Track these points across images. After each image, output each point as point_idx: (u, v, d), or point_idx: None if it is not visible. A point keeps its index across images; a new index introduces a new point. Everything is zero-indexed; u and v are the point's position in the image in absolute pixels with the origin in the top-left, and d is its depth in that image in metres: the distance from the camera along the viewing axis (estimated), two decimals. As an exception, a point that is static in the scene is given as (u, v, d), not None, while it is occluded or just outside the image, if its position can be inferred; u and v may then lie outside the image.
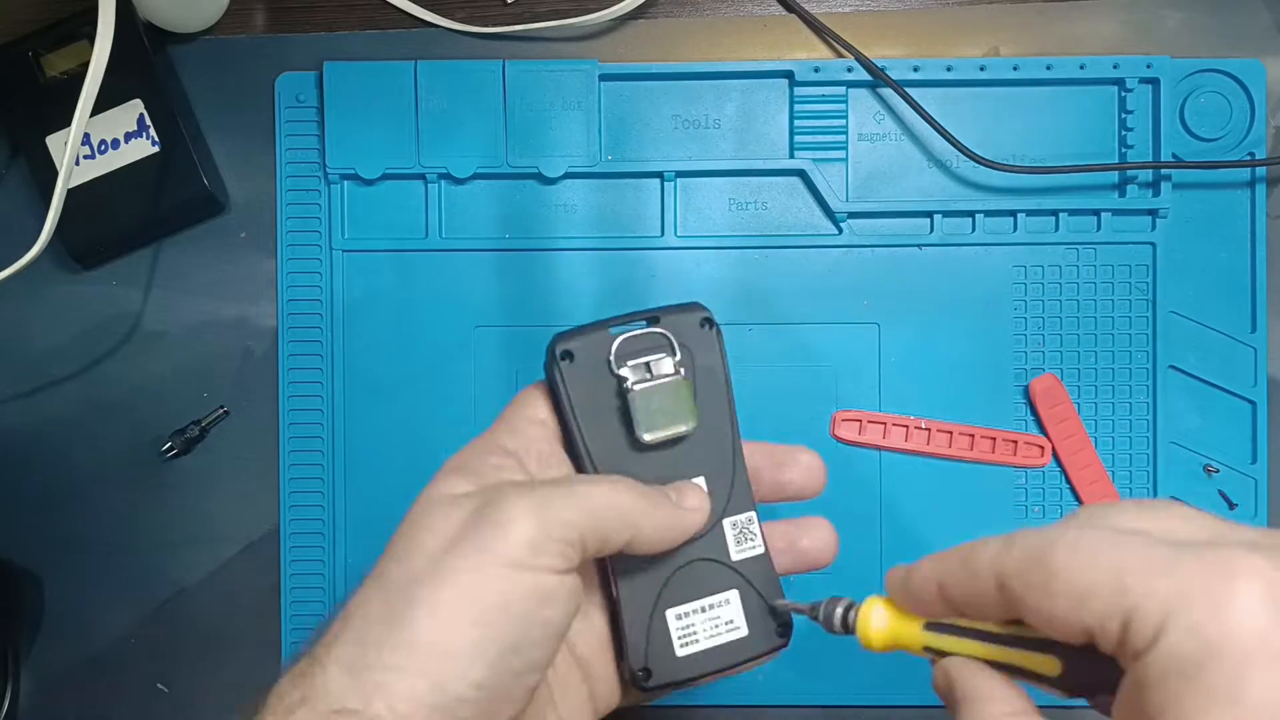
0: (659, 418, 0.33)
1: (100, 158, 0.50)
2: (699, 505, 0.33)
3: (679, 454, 0.34)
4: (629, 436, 0.33)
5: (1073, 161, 0.51)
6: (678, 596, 0.33)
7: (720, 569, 0.34)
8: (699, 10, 0.53)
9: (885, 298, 0.51)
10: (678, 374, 0.33)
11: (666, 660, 0.33)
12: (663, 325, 0.34)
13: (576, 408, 0.33)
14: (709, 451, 0.34)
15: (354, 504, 0.51)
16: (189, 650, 0.52)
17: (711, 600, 0.34)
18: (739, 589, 0.34)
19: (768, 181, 0.52)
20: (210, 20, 0.52)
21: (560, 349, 0.33)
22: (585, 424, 0.33)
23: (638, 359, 0.33)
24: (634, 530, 0.31)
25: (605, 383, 0.33)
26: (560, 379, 0.33)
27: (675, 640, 0.33)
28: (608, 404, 0.33)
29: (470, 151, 0.51)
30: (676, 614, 0.33)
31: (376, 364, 0.52)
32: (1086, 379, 0.51)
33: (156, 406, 0.52)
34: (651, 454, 0.34)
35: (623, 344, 0.33)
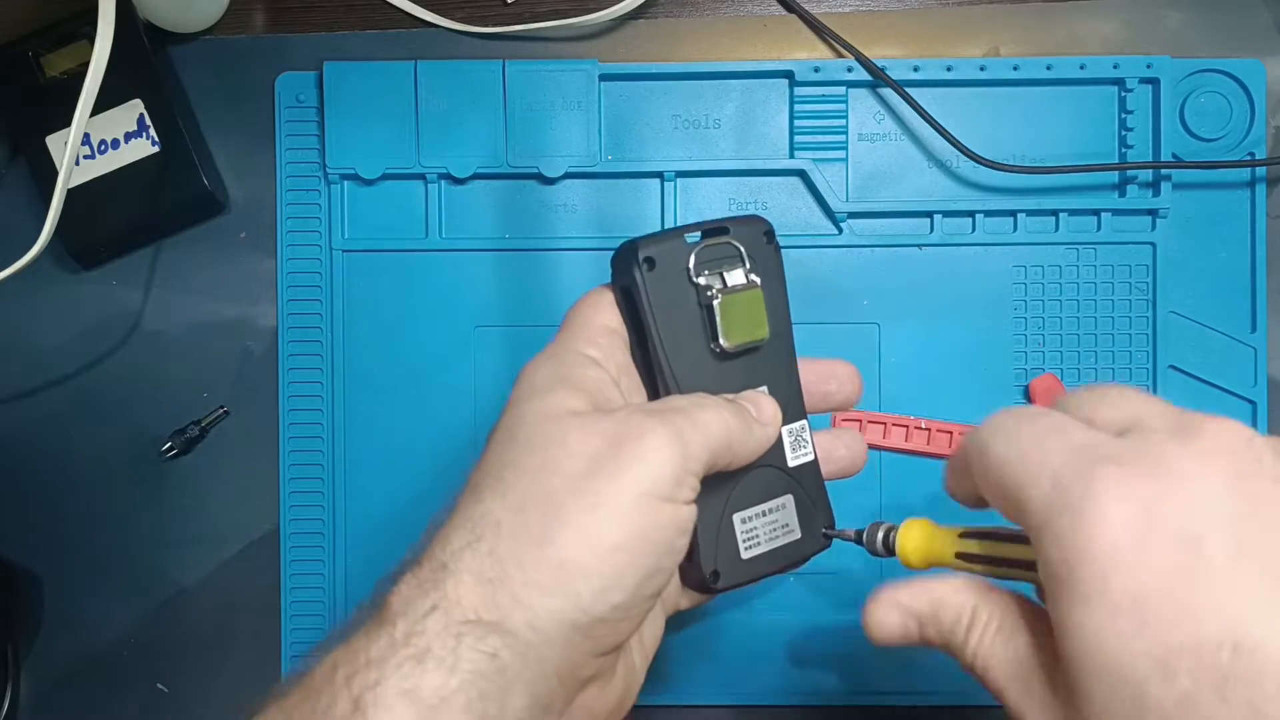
0: (740, 326, 0.34)
1: (100, 158, 0.50)
2: (775, 418, 0.34)
3: (749, 363, 0.35)
4: (706, 345, 0.34)
5: (1073, 161, 0.51)
6: (743, 501, 0.34)
7: (778, 474, 0.35)
8: (699, 10, 0.53)
9: (885, 298, 0.51)
10: (752, 284, 0.34)
11: (734, 562, 0.34)
12: (732, 236, 0.34)
13: (657, 314, 0.33)
14: (773, 361, 0.35)
15: (354, 504, 0.51)
16: (189, 650, 0.52)
17: (771, 505, 0.35)
18: (794, 494, 0.35)
19: (768, 181, 0.52)
20: (210, 20, 0.52)
21: (643, 254, 0.33)
22: (665, 331, 0.33)
23: (714, 268, 0.34)
24: (733, 455, 0.32)
25: (684, 290, 0.34)
26: (643, 284, 0.33)
27: (741, 543, 0.34)
28: (686, 311, 0.34)
29: (470, 151, 0.51)
30: (742, 518, 0.34)
31: (376, 364, 0.51)
32: (1087, 379, 0.51)
33: (156, 406, 0.52)
34: (726, 363, 0.34)
35: (700, 253, 0.34)
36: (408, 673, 0.27)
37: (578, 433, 0.30)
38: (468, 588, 0.28)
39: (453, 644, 0.28)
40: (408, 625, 0.28)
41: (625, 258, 0.34)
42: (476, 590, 0.28)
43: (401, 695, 0.27)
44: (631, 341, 0.34)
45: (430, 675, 0.27)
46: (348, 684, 0.27)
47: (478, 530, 0.29)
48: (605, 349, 0.34)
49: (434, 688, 0.27)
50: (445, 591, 0.28)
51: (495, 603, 0.28)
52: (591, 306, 0.34)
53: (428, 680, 0.27)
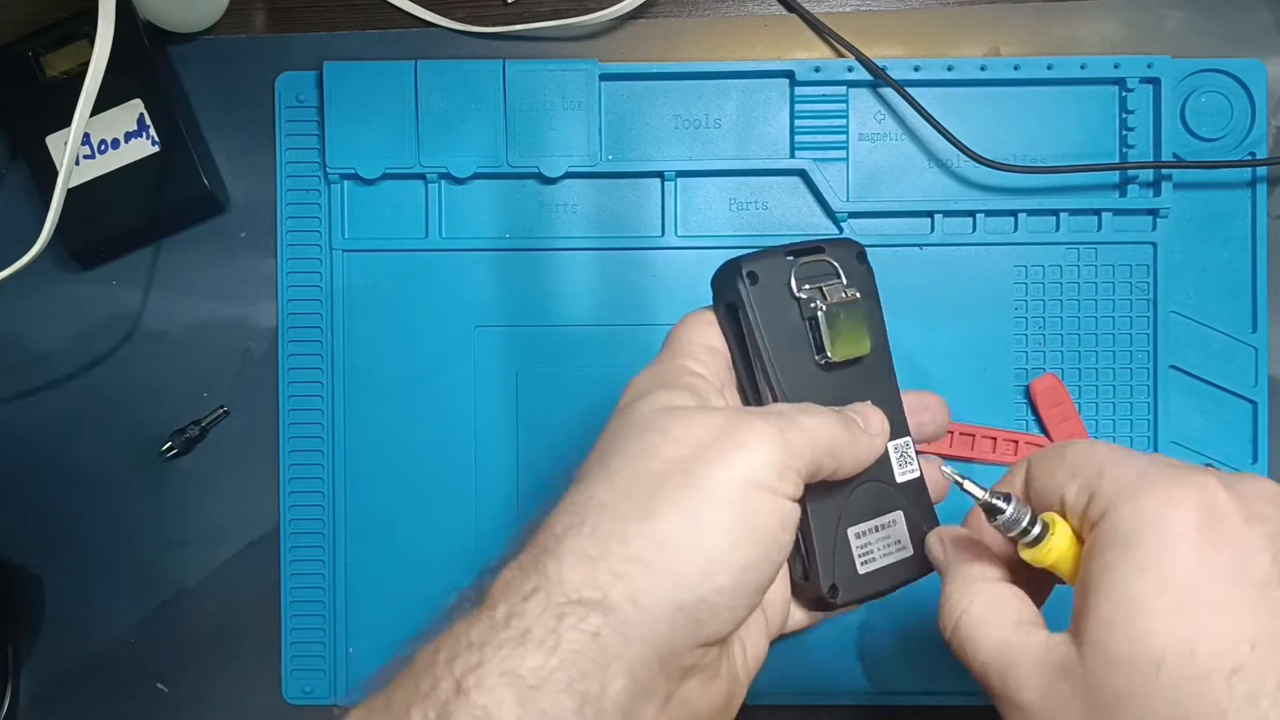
0: (844, 338, 0.34)
1: (100, 158, 0.50)
2: (882, 429, 0.34)
3: (853, 377, 0.35)
4: (811, 357, 0.34)
5: (1073, 161, 0.51)
6: (856, 516, 0.34)
7: (888, 490, 0.35)
8: (699, 10, 0.53)
9: (885, 298, 0.51)
10: (853, 298, 0.35)
11: (851, 578, 0.34)
12: (827, 255, 0.35)
13: (763, 328, 0.34)
14: (875, 377, 0.35)
15: (354, 504, 0.51)
16: (189, 650, 0.52)
17: (883, 520, 0.35)
18: (903, 510, 0.35)
19: (768, 181, 0.52)
20: (210, 20, 0.52)
21: (746, 270, 0.34)
22: (771, 344, 0.34)
23: (813, 284, 0.34)
24: (838, 462, 0.32)
25: (786, 305, 0.34)
26: (748, 299, 0.33)
27: (857, 559, 0.34)
28: (789, 325, 0.34)
29: (470, 151, 0.51)
30: (856, 532, 0.34)
31: (376, 364, 0.51)
32: (1087, 379, 0.51)
33: (156, 406, 0.52)
34: (831, 376, 0.34)
35: (799, 269, 0.34)
36: (508, 654, 0.27)
37: (682, 422, 0.31)
38: (570, 568, 0.28)
39: (553, 624, 0.27)
40: (509, 607, 0.28)
41: (729, 274, 0.34)
42: (578, 570, 0.28)
43: (502, 676, 0.27)
44: (735, 359, 0.35)
45: (530, 656, 0.27)
46: (449, 666, 0.27)
47: (580, 513, 0.30)
48: (709, 366, 0.34)
49: (534, 668, 0.27)
50: (547, 573, 0.28)
51: (596, 581, 0.28)
52: (692, 327, 0.35)
53: (528, 661, 0.27)
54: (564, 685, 0.27)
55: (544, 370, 0.51)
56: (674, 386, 0.32)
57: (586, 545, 0.29)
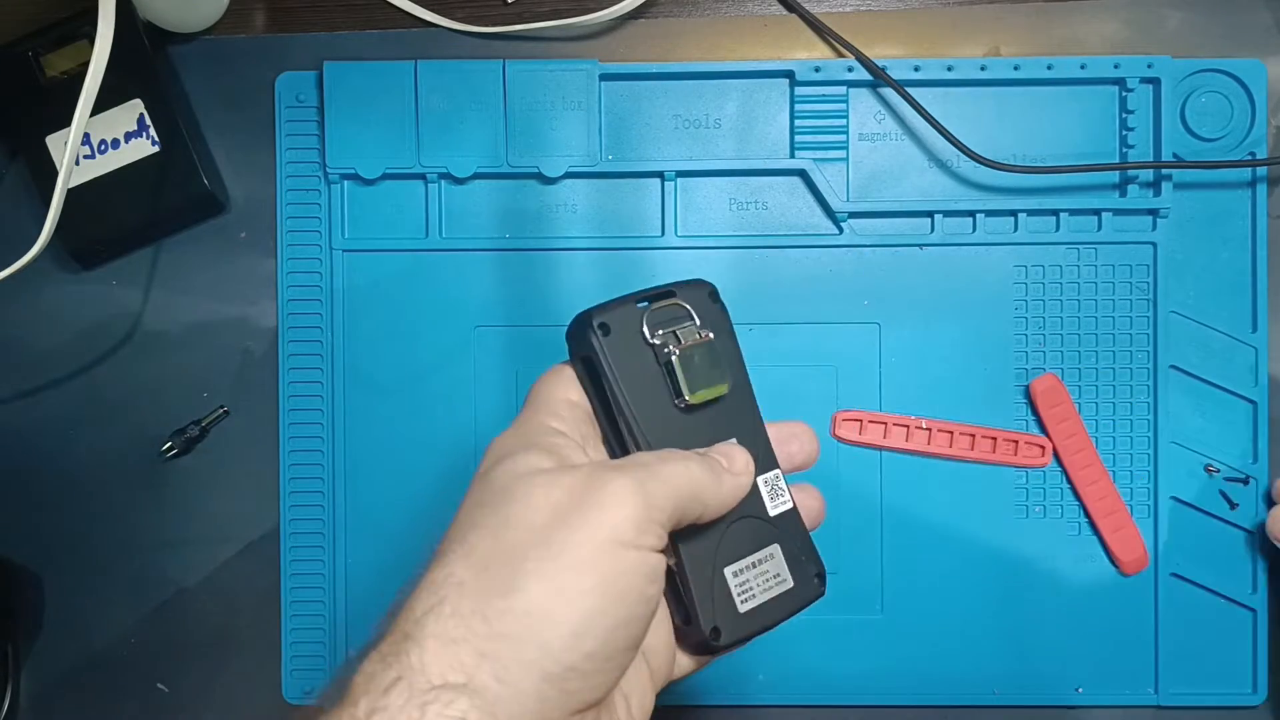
0: (701, 379, 0.34)
1: (100, 158, 0.50)
2: (747, 468, 0.34)
3: (715, 416, 0.35)
4: (670, 402, 0.34)
5: (1073, 161, 0.51)
6: (731, 554, 0.34)
7: (761, 525, 0.35)
8: (699, 10, 0.53)
9: (886, 298, 0.51)
10: (705, 339, 0.35)
11: (732, 618, 0.34)
12: (679, 298, 0.35)
13: (619, 378, 0.34)
14: (737, 414, 0.36)
15: (354, 504, 0.51)
16: (189, 650, 0.52)
17: (759, 555, 0.35)
18: (780, 543, 0.35)
19: (768, 181, 0.52)
20: (210, 20, 0.52)
21: (596, 322, 0.34)
22: (628, 393, 0.34)
23: (666, 328, 0.35)
24: (703, 506, 0.32)
25: (641, 352, 0.34)
26: (601, 350, 0.34)
27: (736, 597, 0.34)
28: (646, 372, 0.34)
29: (470, 151, 0.51)
30: (733, 571, 0.34)
31: (376, 364, 0.51)
32: (1087, 379, 0.51)
33: (156, 406, 0.52)
34: (693, 418, 0.34)
35: (651, 315, 0.35)
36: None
37: (542, 488, 0.30)
38: (432, 653, 0.28)
39: (417, 715, 0.27)
40: (370, 702, 0.27)
41: (580, 328, 0.34)
42: (441, 654, 0.28)
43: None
44: (596, 411, 0.35)
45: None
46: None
47: (440, 593, 0.29)
48: (569, 421, 0.34)
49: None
50: (409, 661, 0.28)
51: (460, 663, 0.27)
52: (551, 382, 0.35)
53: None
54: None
55: (544, 370, 0.51)
56: (533, 448, 0.32)
57: (448, 627, 0.28)
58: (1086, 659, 0.51)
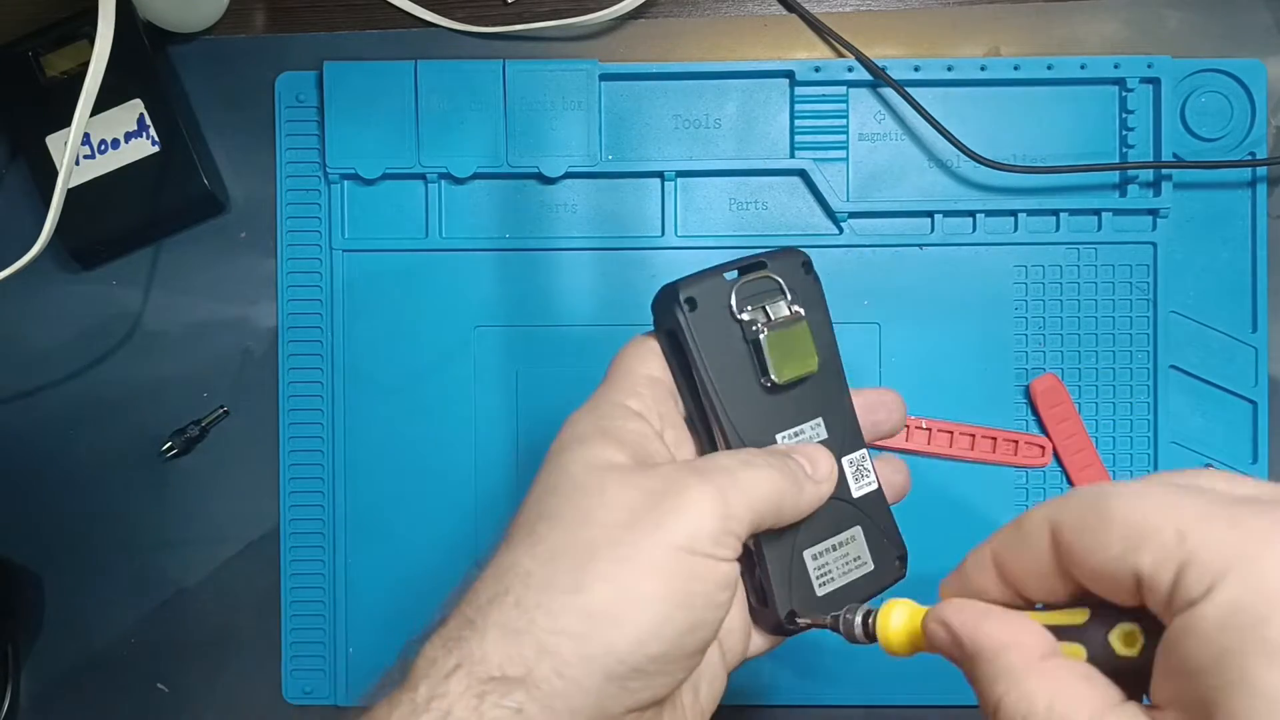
0: (789, 359, 0.33)
1: (100, 158, 0.50)
2: (830, 474, 0.33)
3: (801, 396, 0.34)
4: (756, 381, 0.33)
5: (1073, 161, 0.51)
6: (812, 538, 0.34)
7: (845, 507, 0.34)
8: (699, 10, 0.53)
9: (886, 298, 0.51)
10: (796, 316, 0.34)
11: (809, 601, 0.33)
12: (771, 270, 0.34)
13: (704, 355, 0.33)
14: (825, 392, 0.34)
15: (354, 504, 0.51)
16: (189, 650, 0.52)
17: (840, 538, 0.34)
18: (862, 525, 0.35)
19: (768, 181, 0.52)
20: (210, 20, 0.52)
21: (683, 296, 0.33)
22: (714, 371, 0.33)
23: (756, 303, 0.33)
24: (780, 515, 0.31)
25: (728, 328, 0.33)
26: (687, 326, 0.33)
27: (814, 580, 0.33)
28: (732, 349, 0.33)
29: (470, 151, 0.51)
30: (813, 554, 0.34)
31: (376, 364, 0.51)
32: (1087, 379, 0.51)
33: (156, 406, 0.52)
34: (779, 398, 0.34)
35: (740, 289, 0.33)
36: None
37: (617, 486, 0.30)
38: (493, 643, 0.28)
39: (475, 703, 0.27)
40: (430, 688, 0.27)
41: (665, 301, 0.33)
42: (502, 644, 0.28)
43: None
44: (680, 387, 0.34)
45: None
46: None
47: (504, 582, 0.29)
48: (647, 400, 0.33)
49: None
50: (470, 649, 0.28)
51: (521, 655, 0.27)
52: (634, 356, 0.34)
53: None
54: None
55: (544, 370, 0.51)
56: (609, 436, 0.31)
57: (510, 617, 0.28)
58: (1086, 659, 0.51)
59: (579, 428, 0.32)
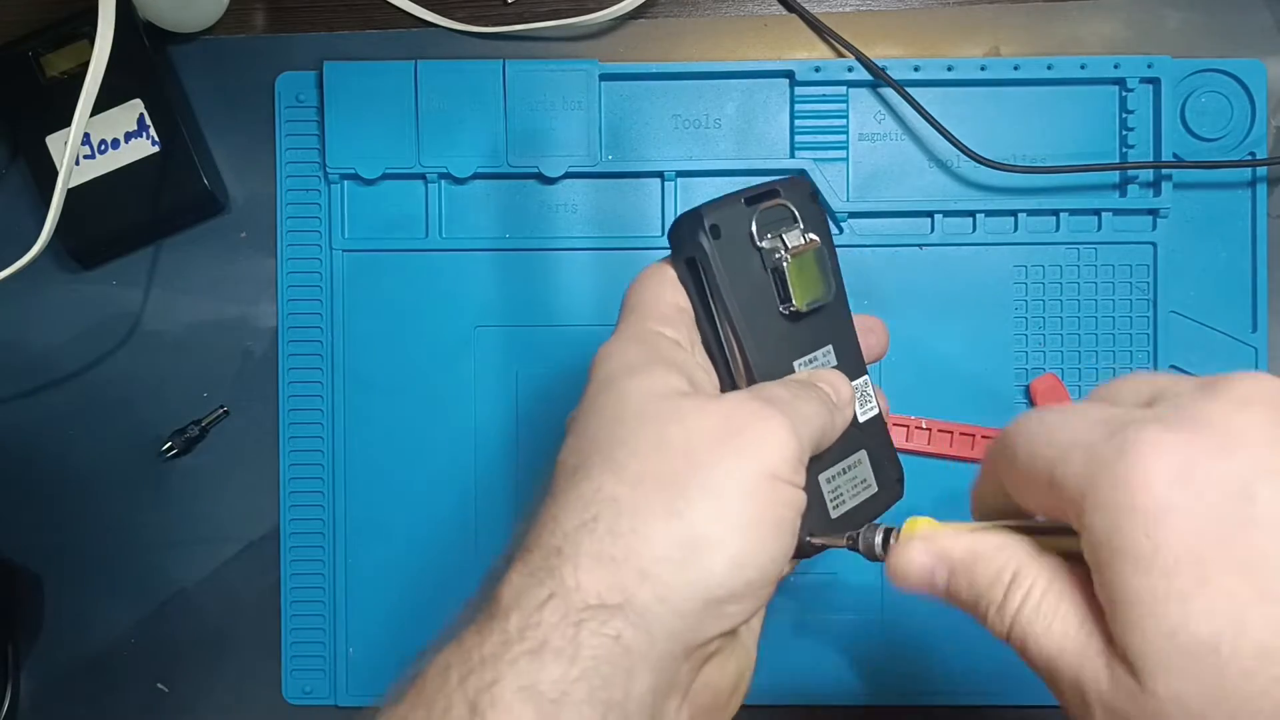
0: (809, 286, 0.34)
1: (100, 158, 0.50)
2: (850, 400, 0.34)
3: (816, 324, 0.34)
4: (775, 308, 0.34)
5: (1073, 161, 0.51)
6: (826, 462, 0.34)
7: (851, 430, 0.35)
8: (699, 10, 0.53)
9: (885, 298, 0.51)
10: (812, 244, 0.34)
11: (825, 522, 0.34)
12: (784, 198, 0.34)
13: (729, 282, 0.33)
14: (836, 320, 0.35)
15: (354, 504, 0.51)
16: (189, 650, 0.52)
17: (849, 462, 0.35)
18: (867, 449, 0.35)
19: (768, 181, 0.52)
20: (210, 20, 0.52)
21: (709, 223, 0.32)
22: (737, 299, 0.33)
23: (774, 231, 0.33)
24: (822, 444, 0.32)
25: (748, 256, 0.33)
26: (712, 253, 0.32)
27: (829, 502, 0.34)
28: (752, 277, 0.33)
29: (470, 151, 0.51)
30: (827, 478, 0.34)
31: (376, 364, 0.51)
32: (1087, 379, 0.51)
33: (156, 406, 0.52)
34: (796, 326, 0.34)
35: (760, 215, 0.33)
36: (524, 668, 0.26)
37: (694, 413, 0.29)
38: (587, 571, 0.27)
39: (572, 633, 0.26)
40: (522, 618, 0.27)
41: (691, 227, 0.33)
42: (597, 572, 0.27)
43: (519, 692, 0.26)
44: (698, 315, 0.34)
45: (549, 668, 0.26)
46: (462, 685, 0.26)
47: (592, 509, 0.28)
48: (681, 329, 0.33)
49: (553, 680, 0.26)
50: (562, 578, 0.27)
51: (619, 583, 0.27)
52: (655, 285, 0.33)
53: (546, 673, 0.26)
54: (585, 695, 0.26)
55: (544, 370, 0.51)
56: (661, 363, 0.31)
57: (604, 545, 0.27)
58: (1086, 659, 0.51)
59: (628, 357, 0.31)
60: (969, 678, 0.51)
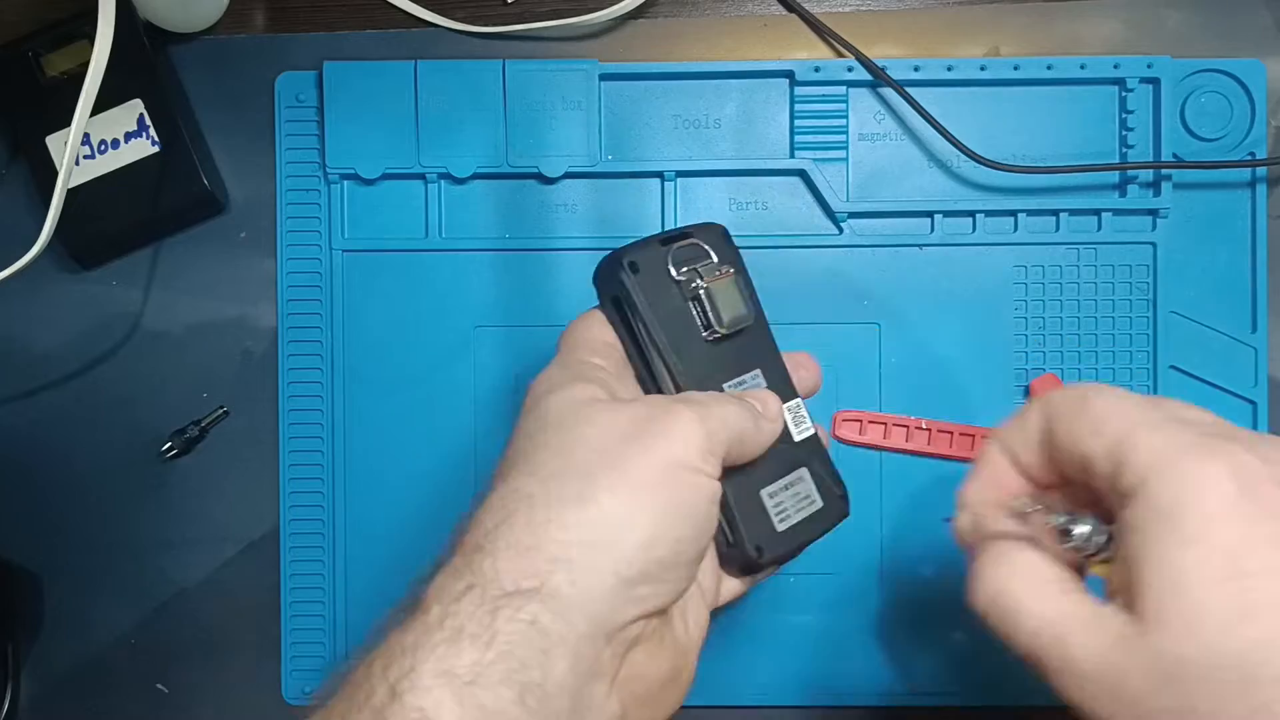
0: (729, 310, 0.36)
1: (100, 158, 0.50)
2: (778, 414, 0.36)
3: (739, 348, 0.37)
4: (699, 335, 0.36)
5: (1073, 161, 0.51)
6: (766, 478, 0.36)
7: (790, 449, 0.37)
8: (699, 10, 0.53)
9: (885, 298, 0.51)
10: (727, 272, 0.37)
11: (771, 537, 0.36)
12: (696, 239, 0.37)
13: (652, 313, 0.35)
14: (759, 345, 0.38)
15: (354, 504, 0.51)
16: (189, 650, 0.52)
17: (791, 478, 0.37)
18: (807, 466, 0.38)
19: (768, 181, 0.52)
20: (210, 20, 0.52)
21: (626, 261, 0.35)
22: (662, 328, 0.35)
23: (690, 265, 0.36)
24: (744, 448, 0.34)
25: (668, 288, 0.36)
26: (633, 287, 0.35)
27: (774, 517, 0.36)
28: (674, 307, 0.36)
29: (470, 151, 0.51)
30: (769, 493, 0.36)
31: (376, 364, 0.51)
32: (1087, 379, 0.51)
33: (156, 406, 0.52)
34: (720, 350, 0.36)
35: (675, 253, 0.36)
36: (442, 654, 0.27)
37: (607, 414, 0.32)
38: (505, 560, 0.29)
39: (489, 619, 0.28)
40: (442, 609, 0.28)
41: (611, 267, 0.36)
42: (514, 561, 0.29)
43: (437, 676, 0.27)
44: (629, 351, 0.36)
45: (465, 652, 0.27)
46: (384, 673, 0.28)
47: (509, 506, 0.30)
48: (608, 360, 0.35)
49: (469, 664, 0.27)
50: (481, 569, 0.29)
51: (534, 569, 0.28)
52: (585, 326, 0.36)
53: (463, 658, 0.27)
54: (501, 677, 0.27)
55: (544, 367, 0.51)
56: (582, 379, 0.33)
57: (521, 536, 0.29)
58: (1086, 659, 0.51)
59: (550, 382, 0.34)
60: (969, 678, 0.51)
